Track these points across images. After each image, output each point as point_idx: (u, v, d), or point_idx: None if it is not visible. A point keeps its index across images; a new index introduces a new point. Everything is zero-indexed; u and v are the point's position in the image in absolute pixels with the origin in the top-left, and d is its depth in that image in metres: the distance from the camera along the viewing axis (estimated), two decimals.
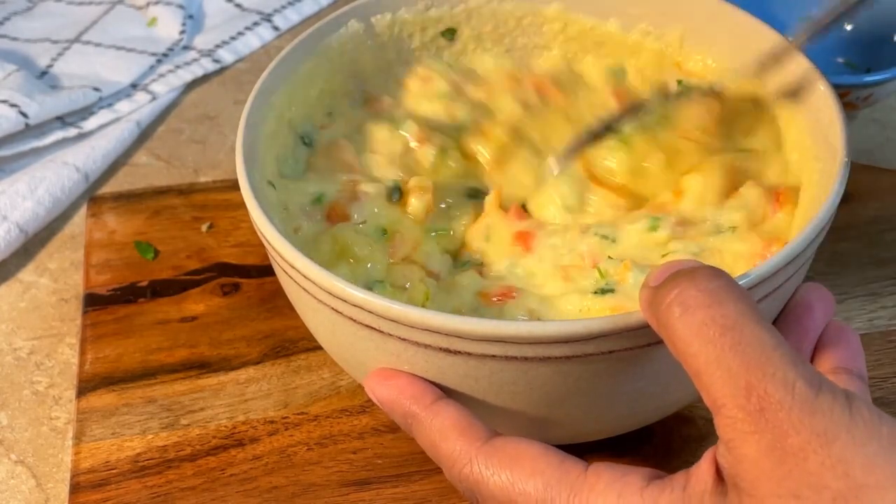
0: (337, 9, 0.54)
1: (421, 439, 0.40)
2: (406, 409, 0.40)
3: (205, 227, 0.64)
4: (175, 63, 0.79)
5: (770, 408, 0.30)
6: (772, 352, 0.31)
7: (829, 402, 0.30)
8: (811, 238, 0.39)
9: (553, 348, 0.37)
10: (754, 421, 0.30)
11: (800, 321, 0.43)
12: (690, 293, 0.33)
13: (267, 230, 0.42)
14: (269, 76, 0.50)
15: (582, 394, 0.40)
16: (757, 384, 0.31)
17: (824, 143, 0.45)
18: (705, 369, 0.32)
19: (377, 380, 0.41)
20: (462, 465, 0.38)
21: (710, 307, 0.32)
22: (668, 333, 0.33)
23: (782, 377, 0.30)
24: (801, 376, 0.31)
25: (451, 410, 0.39)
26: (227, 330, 0.57)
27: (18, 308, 0.61)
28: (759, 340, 0.31)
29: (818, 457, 0.29)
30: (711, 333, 0.32)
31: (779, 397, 0.30)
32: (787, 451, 0.30)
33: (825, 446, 0.29)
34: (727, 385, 0.31)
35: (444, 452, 0.39)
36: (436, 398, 0.40)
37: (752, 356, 0.31)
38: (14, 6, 0.86)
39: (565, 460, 0.37)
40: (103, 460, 0.51)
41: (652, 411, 0.45)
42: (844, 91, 0.64)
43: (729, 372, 0.31)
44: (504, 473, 0.37)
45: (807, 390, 0.30)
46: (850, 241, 0.61)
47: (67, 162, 0.68)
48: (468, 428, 0.39)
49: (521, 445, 0.38)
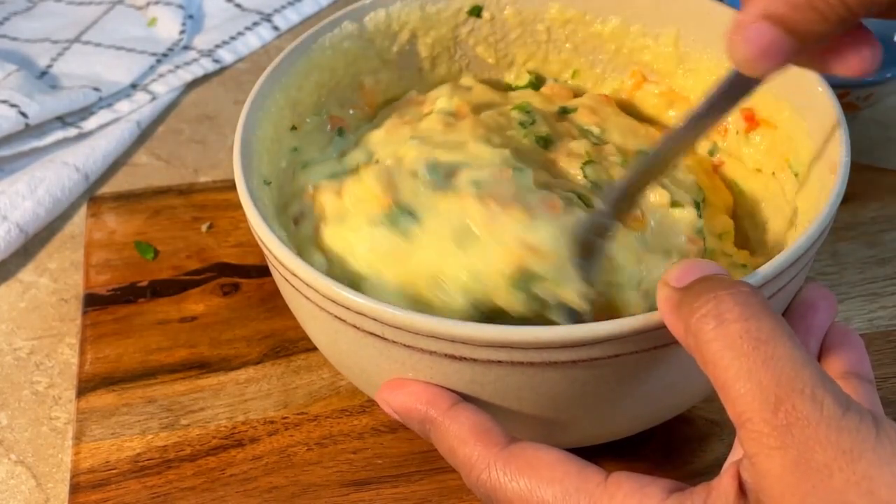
0: (338, 9, 0.54)
1: (439, 444, 0.40)
2: (423, 414, 0.40)
3: (205, 227, 0.64)
4: (175, 63, 0.79)
5: (797, 423, 0.30)
6: (802, 369, 0.31)
7: (856, 420, 0.30)
8: (813, 239, 0.39)
9: (558, 353, 0.37)
10: (780, 436, 0.30)
11: (804, 320, 0.43)
12: (728, 305, 0.32)
13: (268, 238, 0.41)
14: (265, 80, 0.49)
15: (587, 398, 0.40)
16: (786, 399, 0.30)
17: (824, 143, 0.45)
18: (734, 382, 0.31)
19: (389, 390, 0.41)
20: (480, 470, 0.38)
21: (748, 321, 0.32)
22: (696, 342, 0.33)
23: (811, 394, 0.30)
24: (829, 393, 0.30)
25: (470, 414, 0.39)
26: (226, 330, 0.57)
27: (18, 308, 0.61)
28: (791, 357, 0.31)
29: (843, 474, 0.29)
30: (745, 347, 0.31)
31: (807, 413, 0.30)
32: (811, 468, 0.29)
33: (851, 464, 0.29)
34: (756, 398, 0.31)
35: (461, 458, 0.38)
36: (453, 402, 0.40)
37: (783, 371, 0.31)
38: (14, 6, 0.86)
39: (585, 468, 0.36)
40: (103, 460, 0.51)
41: (657, 414, 0.45)
42: (844, 91, 0.64)
43: (759, 385, 0.31)
44: (522, 480, 0.36)
45: (835, 408, 0.30)
46: (850, 241, 0.61)
47: (67, 162, 0.68)
48: (486, 433, 0.38)
49: (540, 452, 0.37)
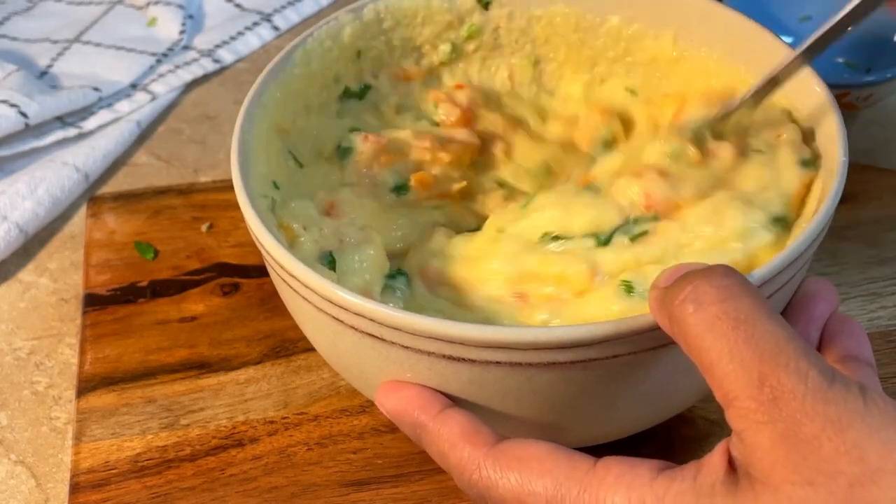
0: (337, 9, 0.54)
1: (430, 449, 0.40)
2: (414, 419, 0.40)
3: (205, 227, 0.64)
4: (175, 63, 0.79)
5: (783, 397, 0.30)
6: (785, 344, 0.31)
7: (842, 391, 0.30)
8: (810, 240, 0.39)
9: (557, 354, 0.37)
10: (767, 411, 0.30)
11: (805, 310, 0.43)
12: (704, 289, 0.33)
13: (265, 239, 0.41)
14: (262, 82, 0.49)
15: (587, 398, 0.40)
16: (770, 374, 0.31)
17: (823, 143, 0.45)
18: (717, 363, 0.32)
19: (386, 392, 0.41)
20: (471, 471, 0.38)
21: (724, 301, 0.32)
22: (680, 329, 0.33)
23: (795, 367, 0.31)
24: (813, 366, 0.31)
25: (458, 418, 0.39)
26: (226, 330, 0.57)
27: (18, 308, 0.61)
28: (772, 333, 0.31)
29: (833, 444, 0.29)
30: (724, 327, 0.32)
31: (792, 386, 0.30)
32: (801, 439, 0.30)
33: (840, 433, 0.29)
34: (740, 377, 0.31)
35: (452, 461, 0.39)
36: (443, 407, 0.40)
37: (765, 348, 0.31)
38: (14, 6, 0.86)
39: (573, 456, 0.36)
40: (103, 460, 0.51)
41: (656, 414, 0.45)
42: (844, 91, 0.64)
43: (742, 364, 0.31)
44: (513, 475, 0.37)
45: (820, 380, 0.30)
46: (850, 241, 0.61)
47: (67, 162, 0.68)
48: (475, 434, 0.38)
49: (528, 446, 0.37)
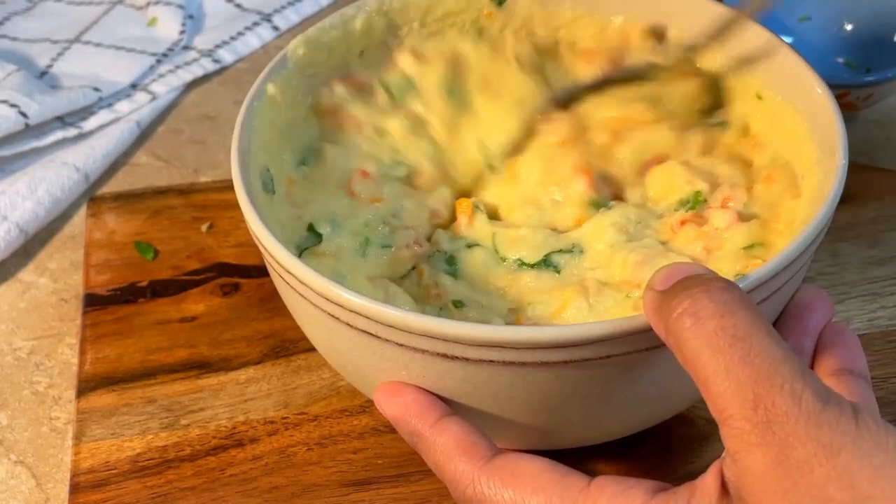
0: (337, 9, 0.54)
1: (426, 458, 0.40)
2: (411, 427, 0.40)
3: (205, 227, 0.64)
4: (175, 63, 0.79)
5: (777, 420, 0.30)
6: (781, 364, 0.31)
7: (835, 414, 0.30)
8: (810, 240, 0.39)
9: (551, 353, 0.37)
10: (761, 433, 0.30)
11: (799, 320, 0.43)
12: (703, 303, 0.33)
13: (264, 236, 0.42)
14: (262, 81, 0.49)
15: (581, 398, 0.40)
16: (765, 396, 0.30)
17: (823, 143, 0.45)
18: (713, 379, 0.31)
19: (384, 395, 0.41)
20: (465, 485, 0.38)
21: (723, 317, 0.32)
22: (676, 342, 0.33)
23: (790, 389, 0.30)
24: (808, 387, 0.30)
25: (455, 428, 0.39)
26: (226, 330, 0.57)
27: (18, 308, 0.61)
28: (769, 352, 0.31)
29: (823, 469, 0.29)
30: (721, 344, 0.31)
31: (786, 409, 0.30)
32: (792, 464, 0.30)
33: (830, 458, 0.29)
34: (735, 396, 0.31)
35: (448, 473, 0.39)
36: (440, 416, 0.40)
37: (761, 367, 0.31)
38: (14, 6, 0.86)
39: (567, 475, 0.36)
40: (103, 460, 0.51)
41: (651, 415, 0.45)
42: (844, 91, 0.64)
43: (737, 383, 0.31)
44: (507, 492, 0.37)
45: (814, 402, 0.30)
46: (850, 241, 0.61)
47: (67, 162, 0.68)
48: (471, 447, 0.38)
49: (523, 462, 0.37)
